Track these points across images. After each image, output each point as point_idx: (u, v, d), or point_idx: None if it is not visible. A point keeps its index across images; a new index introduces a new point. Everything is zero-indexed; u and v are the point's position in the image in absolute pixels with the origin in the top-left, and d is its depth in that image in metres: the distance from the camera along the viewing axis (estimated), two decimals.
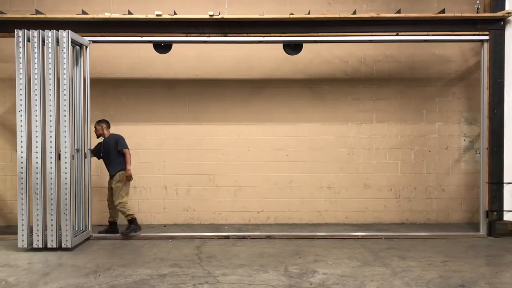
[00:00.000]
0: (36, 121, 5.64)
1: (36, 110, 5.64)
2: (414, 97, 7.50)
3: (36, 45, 5.66)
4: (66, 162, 5.72)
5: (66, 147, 5.73)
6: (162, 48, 6.56)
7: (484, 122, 6.47)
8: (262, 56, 7.39)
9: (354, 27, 6.42)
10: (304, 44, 6.59)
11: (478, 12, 6.69)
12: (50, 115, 5.66)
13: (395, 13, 6.55)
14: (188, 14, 6.42)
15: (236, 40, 6.53)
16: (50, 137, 5.66)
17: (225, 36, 6.45)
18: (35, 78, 5.64)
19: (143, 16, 6.30)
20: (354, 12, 6.47)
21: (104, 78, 7.33)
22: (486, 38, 6.37)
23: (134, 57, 7.37)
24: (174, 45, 6.59)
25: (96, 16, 6.30)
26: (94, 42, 6.41)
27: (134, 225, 6.42)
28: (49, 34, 5.70)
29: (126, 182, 6.49)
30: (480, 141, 6.70)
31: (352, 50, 7.44)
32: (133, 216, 6.45)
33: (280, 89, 7.46)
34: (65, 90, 5.72)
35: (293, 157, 7.48)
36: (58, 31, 5.73)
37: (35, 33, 5.67)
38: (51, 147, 5.66)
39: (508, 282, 4.52)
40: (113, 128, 6.76)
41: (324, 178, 7.49)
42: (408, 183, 7.51)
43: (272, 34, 6.43)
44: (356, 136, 7.50)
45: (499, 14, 6.29)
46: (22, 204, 5.64)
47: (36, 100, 5.64)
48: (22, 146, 5.66)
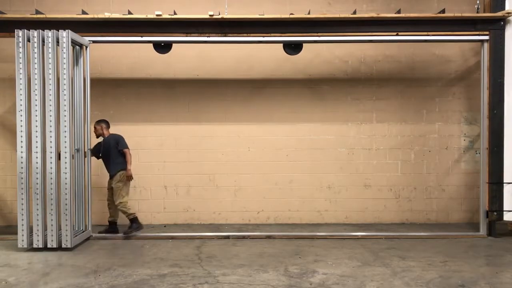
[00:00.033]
0: (36, 121, 5.64)
1: (36, 110, 5.64)
2: (414, 97, 7.50)
3: (36, 45, 5.66)
4: (66, 162, 5.73)
5: (66, 147, 5.73)
6: (162, 48, 6.56)
7: (484, 122, 6.47)
8: (262, 56, 7.39)
9: (354, 27, 6.42)
10: (304, 44, 6.59)
11: (478, 12, 6.70)
12: (50, 115, 5.66)
13: (395, 13, 6.55)
14: (188, 14, 6.43)
15: (236, 40, 6.53)
16: (50, 137, 5.66)
17: (225, 36, 6.45)
18: (35, 78, 5.64)
19: (143, 16, 6.30)
20: (354, 12, 6.48)
21: (104, 78, 7.33)
22: (486, 38, 6.37)
23: (134, 57, 7.37)
24: (174, 45, 6.59)
25: (96, 16, 6.30)
26: (94, 42, 6.41)
27: (136, 224, 6.45)
28: (49, 34, 5.70)
29: (127, 182, 6.52)
30: (480, 141, 6.70)
31: (352, 50, 7.44)
32: (134, 215, 6.48)
33: (280, 89, 7.46)
34: (65, 90, 5.72)
35: (293, 157, 7.48)
36: (58, 31, 5.74)
37: (35, 33, 5.67)
38: (51, 147, 5.66)
39: (508, 282, 4.52)
40: (113, 128, 6.76)
41: (324, 178, 7.49)
42: (408, 183, 7.51)
43: (272, 34, 6.43)
44: (356, 136, 7.51)
45: (499, 14, 6.29)
46: (22, 204, 5.64)
47: (36, 100, 5.64)
48: (22, 146, 5.66)
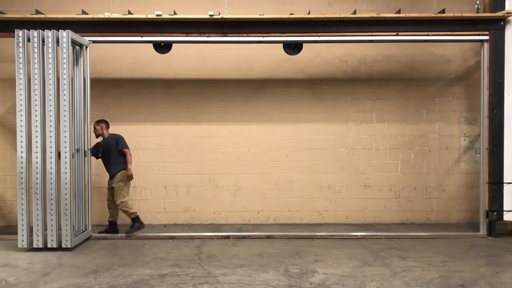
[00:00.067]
0: (36, 121, 5.64)
1: (36, 110, 5.64)
2: (414, 97, 7.50)
3: (36, 45, 5.65)
4: (66, 162, 5.72)
5: (66, 147, 5.73)
6: (162, 48, 6.56)
7: (484, 122, 6.47)
8: (262, 56, 7.39)
9: (354, 27, 6.42)
10: (304, 44, 6.59)
11: (478, 12, 6.69)
12: (50, 115, 5.66)
13: (395, 13, 6.55)
14: (188, 14, 6.43)
15: (236, 40, 6.53)
16: (50, 137, 5.66)
17: (225, 36, 6.45)
18: (35, 78, 5.64)
19: (143, 16, 6.30)
20: (354, 12, 6.48)
21: (104, 78, 7.33)
22: (486, 38, 6.37)
23: (134, 57, 7.37)
24: (174, 45, 6.59)
25: (96, 16, 6.30)
26: (94, 42, 6.41)
27: (137, 223, 6.50)
28: (49, 34, 5.69)
29: (127, 181, 6.54)
30: (480, 141, 6.70)
31: (352, 50, 7.44)
32: (136, 214, 6.52)
33: (280, 89, 7.46)
34: (65, 90, 5.72)
35: (293, 157, 7.48)
36: (58, 31, 5.73)
37: (35, 33, 5.67)
38: (51, 147, 5.66)
39: (508, 282, 4.52)
40: (113, 128, 6.76)
41: (324, 178, 7.49)
42: (408, 183, 7.51)
43: (272, 34, 6.43)
44: (356, 136, 7.50)
45: (499, 14, 6.29)
46: (22, 204, 5.64)
47: (36, 100, 5.64)
48: (22, 146, 5.66)
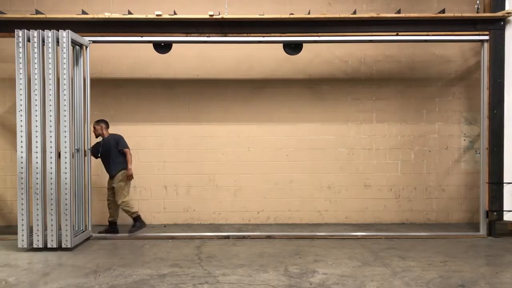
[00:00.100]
0: (36, 121, 5.64)
1: (36, 110, 5.64)
2: (414, 97, 7.50)
3: (36, 45, 5.65)
4: (66, 162, 5.72)
5: (66, 147, 5.73)
6: (162, 48, 6.56)
7: (484, 122, 6.47)
8: (262, 56, 7.39)
9: (354, 27, 6.42)
10: (304, 44, 6.59)
11: (478, 12, 6.69)
12: (50, 115, 5.65)
13: (395, 13, 6.55)
14: (188, 14, 6.43)
15: (236, 40, 6.53)
16: (50, 137, 5.66)
17: (225, 36, 6.45)
18: (35, 78, 5.64)
19: (143, 16, 6.30)
20: (354, 12, 6.47)
21: (104, 78, 7.33)
22: (486, 38, 6.37)
23: (134, 57, 7.37)
24: (174, 45, 6.59)
25: (96, 16, 6.30)
26: (94, 42, 6.41)
27: (139, 222, 6.55)
28: (49, 34, 5.69)
29: (128, 181, 6.56)
30: (480, 141, 6.70)
31: (352, 50, 7.44)
32: (137, 213, 6.56)
33: (280, 89, 7.46)
34: (65, 90, 5.72)
35: (293, 157, 7.48)
36: (58, 31, 5.73)
37: (35, 33, 5.67)
38: (51, 147, 5.66)
39: (508, 282, 4.52)
40: (113, 128, 6.76)
41: (324, 178, 7.49)
42: (408, 183, 7.51)
43: (272, 34, 6.43)
44: (356, 136, 7.50)
45: (499, 14, 6.29)
46: (22, 204, 5.63)
47: (36, 100, 5.64)
48: (22, 146, 5.66)
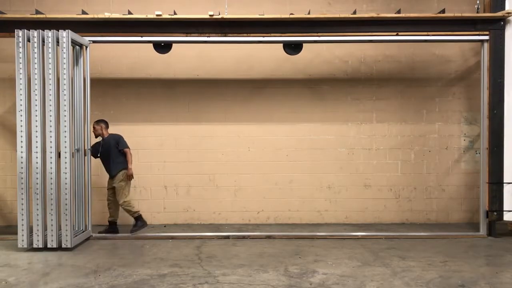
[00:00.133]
0: (36, 121, 5.64)
1: (36, 110, 5.64)
2: (414, 97, 7.50)
3: (36, 45, 5.65)
4: (66, 162, 5.72)
5: (66, 147, 5.73)
6: (162, 48, 6.56)
7: (484, 122, 6.47)
8: (262, 56, 7.39)
9: (354, 27, 6.41)
10: (304, 44, 6.59)
11: (478, 12, 6.69)
12: (50, 115, 5.65)
13: (395, 13, 6.55)
14: (188, 14, 6.42)
15: (236, 40, 6.53)
16: (50, 137, 5.65)
17: (225, 36, 6.45)
18: (35, 78, 5.64)
19: (143, 16, 6.30)
20: (354, 12, 6.47)
21: (104, 78, 7.33)
22: (486, 38, 6.37)
23: (134, 57, 7.37)
24: (174, 45, 6.59)
25: (96, 16, 6.30)
26: (94, 42, 6.41)
27: (141, 221, 6.59)
28: (49, 34, 5.69)
29: (128, 181, 6.58)
30: (480, 141, 6.70)
31: (352, 50, 7.44)
32: (139, 213, 6.59)
33: (280, 89, 7.46)
34: (65, 90, 5.72)
35: (293, 157, 7.48)
36: (58, 31, 5.73)
37: (35, 33, 5.67)
38: (51, 147, 5.66)
39: (508, 282, 4.52)
40: (113, 128, 6.77)
41: (324, 178, 7.49)
42: (408, 183, 7.51)
43: (272, 34, 6.42)
44: (356, 136, 7.50)
45: (499, 14, 6.29)
46: (22, 204, 5.63)
47: (36, 100, 5.64)
48: (22, 146, 5.66)
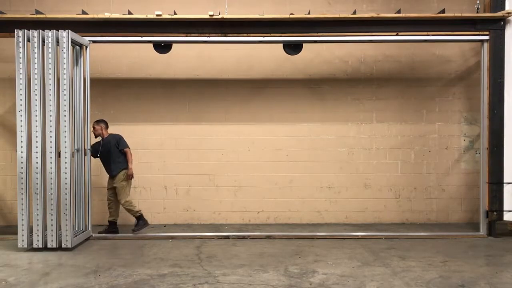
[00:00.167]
0: (36, 121, 5.64)
1: (36, 110, 5.63)
2: (414, 97, 7.50)
3: (36, 45, 5.65)
4: (66, 162, 5.72)
5: (66, 147, 5.73)
6: (162, 48, 6.56)
7: (484, 122, 6.47)
8: (262, 56, 7.39)
9: (354, 27, 6.42)
10: (304, 44, 6.59)
11: (478, 12, 6.69)
12: (50, 115, 5.65)
13: (395, 13, 6.55)
14: (188, 14, 6.42)
15: (236, 40, 6.53)
16: (50, 137, 5.65)
17: (225, 36, 6.45)
18: (35, 78, 5.64)
19: (143, 16, 6.29)
20: (354, 12, 6.47)
21: (104, 78, 7.33)
22: (486, 38, 6.37)
23: (134, 57, 7.37)
24: (174, 45, 6.59)
25: (96, 16, 6.30)
26: (94, 42, 6.41)
27: (142, 221, 6.60)
28: (49, 34, 5.69)
29: (129, 180, 6.59)
30: (480, 141, 6.70)
31: (352, 50, 7.44)
32: (140, 212, 6.61)
33: (280, 89, 7.46)
34: (65, 90, 5.72)
35: (293, 157, 7.48)
36: (58, 31, 5.73)
37: (35, 33, 5.66)
38: (51, 147, 5.66)
39: (508, 282, 4.52)
40: (113, 128, 6.77)
41: (324, 178, 7.49)
42: (408, 183, 7.51)
43: (272, 34, 6.42)
44: (356, 136, 7.50)
45: (499, 14, 6.29)
46: (22, 204, 5.63)
47: (36, 100, 5.63)
48: (22, 146, 5.65)
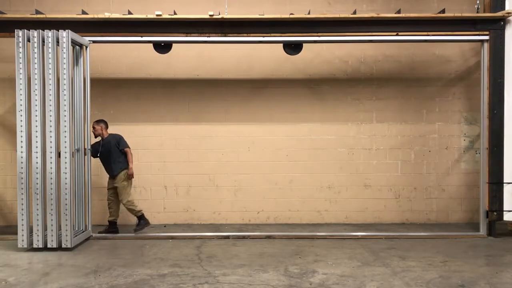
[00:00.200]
0: (36, 121, 5.64)
1: (36, 110, 5.64)
2: (414, 97, 7.50)
3: (36, 45, 5.65)
4: (66, 162, 5.72)
5: (66, 147, 5.73)
6: (162, 48, 6.56)
7: (484, 122, 6.47)
8: (262, 56, 7.39)
9: (354, 27, 6.42)
10: (304, 44, 6.59)
11: (478, 12, 6.69)
12: (50, 115, 5.65)
13: (395, 13, 6.55)
14: (188, 14, 6.42)
15: (236, 40, 6.53)
16: (50, 137, 5.65)
17: (225, 36, 6.45)
18: (35, 78, 5.64)
19: (143, 16, 6.30)
20: (354, 12, 6.47)
21: (104, 78, 7.33)
22: (486, 38, 6.37)
23: (134, 57, 7.37)
24: (174, 45, 6.59)
25: (96, 16, 6.30)
26: (94, 42, 6.41)
27: (143, 220, 6.61)
28: (49, 34, 5.69)
29: (129, 180, 6.59)
30: (480, 141, 6.70)
31: (352, 50, 7.44)
32: (142, 211, 6.62)
33: (280, 89, 7.46)
34: (65, 90, 5.72)
35: (293, 157, 7.48)
36: (58, 31, 5.73)
37: (35, 33, 5.66)
38: (51, 147, 5.66)
39: (508, 282, 4.52)
40: (113, 128, 6.77)
41: (324, 178, 7.49)
42: (408, 183, 7.51)
43: (272, 34, 6.42)
44: (356, 136, 7.50)
45: (499, 14, 6.29)
46: (22, 204, 5.63)
47: (36, 100, 5.64)
48: (22, 146, 5.65)
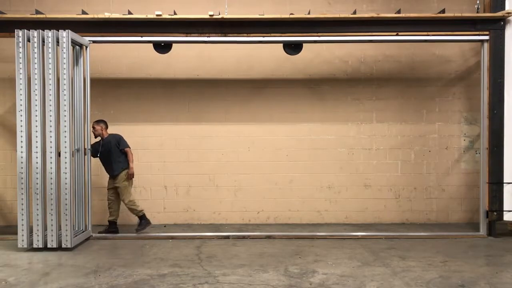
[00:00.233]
0: (36, 121, 5.64)
1: (36, 110, 5.64)
2: (414, 97, 7.50)
3: (36, 45, 5.65)
4: (66, 162, 5.72)
5: (66, 147, 5.73)
6: (162, 48, 6.56)
7: (484, 122, 6.47)
8: (262, 56, 7.39)
9: (354, 27, 6.42)
10: (304, 44, 6.59)
11: (478, 12, 6.69)
12: (50, 115, 5.65)
13: (395, 13, 6.55)
14: (188, 14, 6.43)
15: (236, 40, 6.53)
16: (50, 137, 5.65)
17: (225, 36, 6.45)
18: (35, 78, 5.64)
19: (143, 16, 6.30)
20: (354, 12, 6.48)
21: (104, 78, 7.33)
22: (486, 38, 6.37)
23: (134, 57, 7.37)
24: (174, 45, 6.59)
25: (96, 16, 6.30)
26: (94, 42, 6.41)
27: (145, 220, 6.62)
28: (49, 34, 5.69)
29: (130, 180, 6.60)
30: (480, 141, 6.70)
31: (352, 50, 7.44)
32: (143, 211, 6.63)
33: (280, 89, 7.46)
34: (65, 90, 5.72)
35: (293, 157, 7.48)
36: (58, 31, 5.73)
37: (35, 33, 5.66)
38: (51, 147, 5.66)
39: (508, 282, 4.52)
40: (113, 128, 6.77)
41: (324, 178, 7.49)
42: (408, 183, 7.51)
43: (272, 34, 6.42)
44: (356, 136, 7.50)
45: (499, 14, 6.29)
46: (22, 204, 5.63)
47: (36, 100, 5.64)
48: (22, 146, 5.66)
